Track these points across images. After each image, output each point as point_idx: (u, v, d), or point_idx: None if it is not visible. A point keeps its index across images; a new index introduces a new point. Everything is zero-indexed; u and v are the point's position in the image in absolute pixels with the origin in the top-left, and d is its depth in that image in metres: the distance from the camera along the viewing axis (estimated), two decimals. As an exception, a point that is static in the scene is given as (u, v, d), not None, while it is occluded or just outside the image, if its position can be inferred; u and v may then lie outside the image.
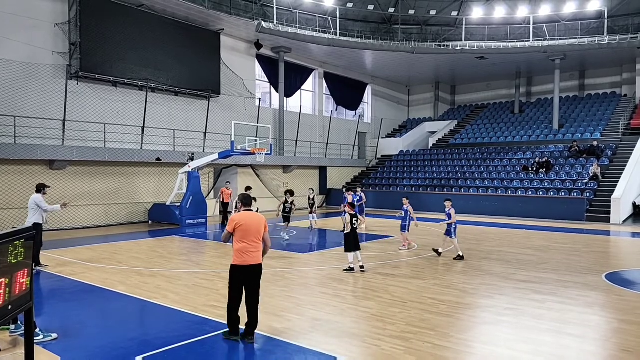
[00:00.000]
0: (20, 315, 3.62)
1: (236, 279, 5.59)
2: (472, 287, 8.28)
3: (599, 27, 25.47)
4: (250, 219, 5.62)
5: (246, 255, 5.53)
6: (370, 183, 27.84)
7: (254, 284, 5.63)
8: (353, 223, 9.35)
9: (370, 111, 33.51)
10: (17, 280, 3.24)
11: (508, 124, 30.14)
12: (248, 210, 5.77)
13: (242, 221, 5.56)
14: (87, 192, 17.06)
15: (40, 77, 16.05)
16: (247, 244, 5.54)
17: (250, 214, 5.72)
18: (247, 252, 5.54)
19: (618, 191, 19.16)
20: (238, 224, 5.54)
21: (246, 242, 5.54)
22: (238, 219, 5.59)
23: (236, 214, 5.80)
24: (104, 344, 5.56)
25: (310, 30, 24.18)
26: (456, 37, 27.46)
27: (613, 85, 30.09)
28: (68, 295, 7.82)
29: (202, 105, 21.13)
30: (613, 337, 5.82)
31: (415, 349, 5.33)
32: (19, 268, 3.26)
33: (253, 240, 5.57)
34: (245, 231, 5.53)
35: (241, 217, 5.63)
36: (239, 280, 5.59)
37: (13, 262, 3.17)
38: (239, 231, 5.54)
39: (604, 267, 10.02)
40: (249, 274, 5.57)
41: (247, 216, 5.64)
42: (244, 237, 5.53)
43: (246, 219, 5.59)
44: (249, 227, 5.55)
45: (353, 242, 9.30)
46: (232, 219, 5.67)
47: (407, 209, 11.94)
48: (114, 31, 17.67)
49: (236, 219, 5.60)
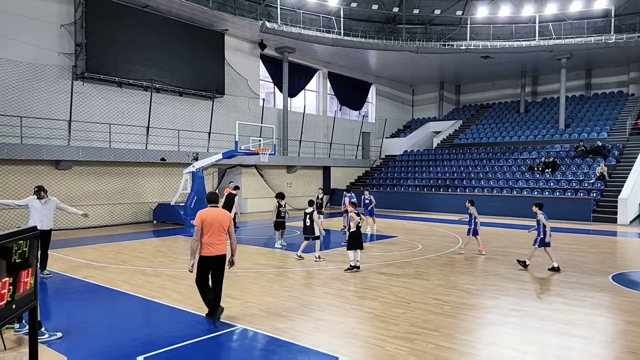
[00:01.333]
0: (25, 314, 3.64)
1: (203, 268, 6.19)
2: (477, 287, 8.23)
3: (606, 25, 25.28)
4: (214, 214, 6.20)
5: (211, 246, 6.12)
6: (374, 183, 27.79)
7: (219, 272, 6.25)
8: (358, 223, 9.41)
9: (374, 111, 33.45)
10: (21, 280, 3.25)
11: (513, 123, 29.98)
12: (213, 207, 6.32)
13: (207, 216, 6.14)
14: (93, 192, 17.15)
15: (46, 77, 16.15)
16: (212, 236, 6.12)
17: (215, 209, 6.30)
18: (212, 244, 6.13)
19: (625, 191, 19.00)
20: (203, 219, 6.11)
21: (210, 235, 6.11)
22: (204, 215, 6.16)
23: (201, 210, 6.30)
24: (108, 343, 5.58)
25: (314, 30, 24.17)
26: (461, 36, 27.35)
27: (620, 85, 29.85)
28: (73, 294, 7.86)
29: (206, 105, 21.18)
30: (619, 339, 5.77)
31: (419, 349, 5.30)
32: (24, 267, 3.27)
33: (217, 234, 6.14)
34: (210, 225, 6.10)
35: (206, 213, 6.21)
36: (205, 269, 6.20)
37: (17, 261, 3.18)
38: (204, 225, 6.11)
39: (610, 268, 9.93)
40: (214, 263, 6.18)
41: (211, 212, 6.23)
42: (208, 230, 6.10)
43: (210, 215, 6.17)
44: (212, 222, 6.12)
45: (358, 241, 9.33)
46: (199, 213, 6.21)
47: (470, 212, 11.62)
48: (119, 32, 17.75)
49: (202, 215, 6.16)
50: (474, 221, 11.47)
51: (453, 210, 22.40)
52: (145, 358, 5.07)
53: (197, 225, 6.14)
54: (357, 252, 9.44)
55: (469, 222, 11.60)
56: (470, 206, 11.64)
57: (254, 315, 6.54)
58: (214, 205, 6.37)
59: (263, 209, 23.31)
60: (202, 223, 6.11)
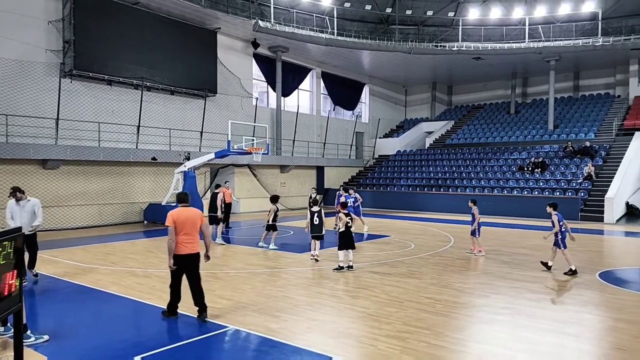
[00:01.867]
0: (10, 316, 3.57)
1: (181, 267, 6.26)
2: (468, 286, 8.28)
3: (593, 28, 25.60)
4: (185, 214, 6.29)
5: (184, 245, 6.21)
6: (367, 183, 27.86)
7: (194, 270, 6.35)
8: (348, 223, 9.44)
9: (368, 111, 33.53)
10: (6, 282, 3.19)
11: (504, 124, 30.25)
12: (184, 207, 6.40)
13: (178, 216, 6.23)
14: (81, 192, 16.94)
15: (33, 75, 15.92)
16: (184, 236, 6.21)
17: (186, 209, 6.39)
18: (185, 242, 6.22)
19: (611, 191, 19.27)
20: (175, 219, 6.20)
21: (182, 234, 6.20)
22: (175, 214, 6.25)
23: (173, 210, 6.36)
24: (97, 345, 5.51)
25: (307, 29, 24.14)
26: (453, 37, 27.53)
27: (607, 87, 30.28)
28: (60, 296, 7.75)
29: (198, 104, 21.05)
30: (607, 336, 5.84)
31: (412, 348, 5.32)
32: (8, 269, 3.21)
33: (189, 233, 6.23)
34: (181, 224, 6.20)
35: (177, 212, 6.30)
36: (179, 268, 6.26)
37: (2, 263, 3.12)
38: (176, 225, 6.20)
39: (597, 266, 10.06)
40: (188, 262, 6.26)
41: (182, 211, 6.32)
42: (180, 229, 6.20)
43: (182, 214, 6.27)
44: (184, 221, 6.22)
45: (348, 241, 9.36)
46: (170, 214, 6.28)
47: (473, 212, 11.45)
48: (108, 29, 17.56)
49: (173, 215, 6.24)
50: (476, 221, 11.31)
51: (445, 209, 22.55)
52: (140, 359, 5.02)
53: (169, 226, 6.22)
54: (349, 252, 9.45)
55: (472, 221, 11.41)
56: (472, 206, 11.49)
57: (246, 316, 6.50)
58: (184, 205, 6.44)
59: (256, 209, 23.24)
60: (174, 223, 6.19)
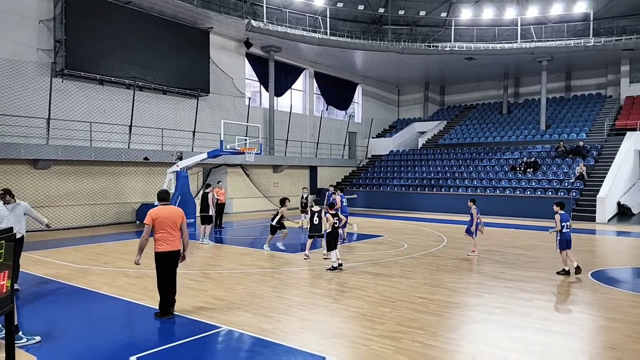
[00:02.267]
0: (1, 317, 3.52)
1: (161, 264, 6.39)
2: (461, 286, 8.31)
3: (585, 29, 25.83)
4: (165, 211, 6.39)
5: (165, 243, 6.34)
6: (360, 183, 27.89)
7: (172, 267, 6.46)
8: (335, 223, 9.53)
9: (361, 111, 33.57)
10: (-3, 282, 3.15)
11: (496, 124, 30.43)
12: (165, 205, 6.52)
13: (158, 214, 6.31)
14: (73, 192, 16.79)
15: (24, 74, 15.76)
16: (164, 233, 6.32)
17: (166, 207, 6.49)
18: (165, 240, 6.34)
19: (603, 191, 19.45)
20: (154, 217, 6.29)
21: (163, 232, 6.31)
22: (155, 213, 6.33)
23: (153, 209, 6.46)
24: (89, 346, 5.46)
25: (300, 29, 24.12)
26: (445, 37, 27.64)
27: (598, 87, 30.57)
28: (52, 297, 7.67)
29: (190, 104, 20.95)
30: (599, 335, 5.88)
31: (405, 348, 5.32)
32: (-1, 269, 3.17)
33: (168, 231, 6.33)
34: (161, 222, 6.29)
35: (157, 210, 6.38)
36: (163, 265, 6.39)
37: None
38: (156, 223, 6.29)
39: (589, 266, 10.14)
40: (168, 259, 6.39)
41: (163, 209, 6.41)
42: (161, 227, 6.30)
43: (162, 212, 6.36)
44: (164, 219, 6.32)
45: (334, 241, 9.45)
46: (149, 212, 6.36)
47: (471, 212, 11.30)
48: (100, 28, 17.42)
49: (153, 213, 6.33)
50: (474, 221, 11.16)
51: (438, 209, 22.64)
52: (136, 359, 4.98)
53: (147, 224, 6.29)
54: (336, 252, 9.54)
55: (470, 221, 11.25)
56: (472, 205, 11.31)
57: (239, 316, 6.48)
58: (164, 203, 6.55)
59: (249, 209, 23.18)
60: (154, 221, 6.29)
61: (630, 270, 10.19)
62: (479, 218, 11.31)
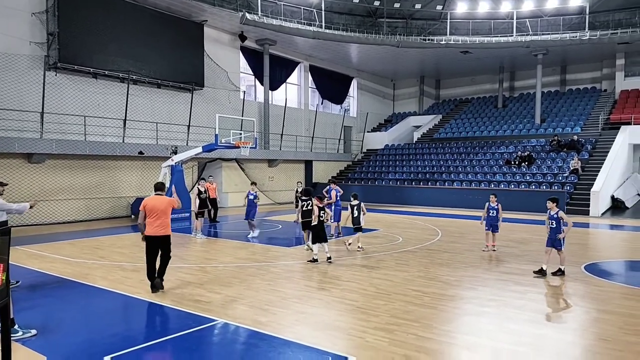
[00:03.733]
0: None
1: (149, 245, 7.25)
2: (456, 279, 8.37)
3: (581, 22, 25.87)
4: (156, 201, 7.28)
5: (152, 227, 7.17)
6: (355, 177, 27.92)
7: (165, 248, 7.34)
8: (320, 216, 9.56)
9: (356, 105, 33.52)
10: (-9, 276, 3.14)
11: (491, 118, 30.50)
12: (158, 195, 7.43)
13: (150, 203, 7.23)
14: (68, 186, 16.71)
15: (17, 68, 15.61)
16: (154, 219, 7.17)
17: (158, 197, 7.37)
18: (152, 225, 7.16)
19: (597, 184, 19.59)
20: (145, 205, 7.21)
21: (153, 218, 7.17)
22: (146, 202, 7.25)
23: (146, 198, 7.37)
24: (85, 339, 5.46)
25: (295, 22, 23.98)
26: (441, 31, 27.58)
27: (593, 81, 30.67)
28: (48, 290, 7.66)
29: (185, 97, 20.84)
30: (592, 327, 5.95)
31: (399, 340, 5.37)
32: (-6, 263, 3.16)
33: (159, 217, 7.18)
34: (151, 210, 7.18)
35: (149, 200, 7.31)
36: (150, 246, 7.25)
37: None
38: (147, 210, 7.18)
39: (582, 259, 10.24)
40: (159, 242, 7.26)
41: (154, 199, 7.32)
42: (150, 214, 7.17)
43: (153, 201, 7.26)
44: (154, 207, 7.19)
45: (321, 234, 9.51)
46: (143, 202, 7.26)
47: (497, 207, 10.92)
48: (93, 21, 17.26)
49: (145, 202, 7.24)
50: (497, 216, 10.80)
51: (433, 203, 22.73)
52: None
53: (140, 210, 7.24)
54: (324, 245, 9.62)
55: (495, 217, 10.83)
56: (495, 199, 10.94)
57: (235, 309, 6.50)
58: (158, 193, 7.44)
59: (244, 203, 23.15)
60: (144, 208, 7.21)
61: (623, 263, 10.30)
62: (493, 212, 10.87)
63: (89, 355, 4.98)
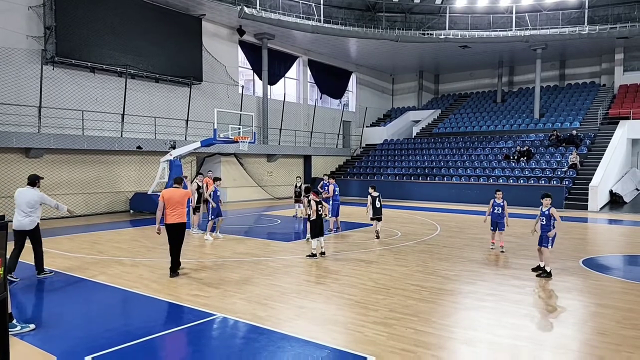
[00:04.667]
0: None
1: (168, 232, 8.10)
2: (454, 273, 8.39)
3: (580, 17, 25.79)
4: (174, 193, 8.16)
5: (169, 216, 8.04)
6: (354, 172, 27.91)
7: (178, 236, 8.16)
8: (318, 210, 9.53)
9: (355, 100, 33.45)
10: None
11: (490, 113, 30.47)
12: (175, 187, 8.33)
13: (167, 194, 8.10)
14: (66, 181, 16.67)
15: (14, 62, 15.51)
16: (172, 209, 8.04)
17: (175, 189, 8.25)
18: (170, 214, 8.03)
19: (596, 179, 19.62)
20: (164, 196, 8.07)
21: (169, 208, 8.03)
22: (164, 193, 8.13)
23: (164, 190, 8.25)
24: (84, 334, 5.46)
25: (294, 16, 23.86)
26: (440, 25, 27.48)
27: (592, 75, 30.63)
28: (47, 285, 7.66)
29: (183, 92, 20.76)
30: (590, 321, 5.97)
31: (398, 334, 5.38)
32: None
33: (176, 207, 8.06)
34: (168, 200, 8.03)
35: (166, 192, 8.18)
36: (169, 233, 8.10)
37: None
38: (165, 201, 8.02)
39: (581, 253, 10.26)
40: (175, 229, 8.08)
41: (172, 191, 8.20)
42: (169, 205, 8.03)
43: (170, 193, 8.13)
44: (171, 198, 8.06)
45: (319, 229, 9.50)
46: (162, 194, 8.10)
47: (502, 203, 10.34)
48: (91, 15, 17.14)
49: (163, 193, 8.12)
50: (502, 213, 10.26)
51: (432, 198, 22.76)
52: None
53: (159, 201, 8.04)
54: (321, 239, 9.65)
55: (500, 214, 10.30)
56: (501, 195, 10.40)
57: (234, 304, 6.50)
58: (176, 186, 8.40)
59: (243, 198, 23.15)
60: (163, 199, 8.04)
61: (621, 257, 10.32)
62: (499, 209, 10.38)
63: (88, 349, 4.98)
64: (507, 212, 10.44)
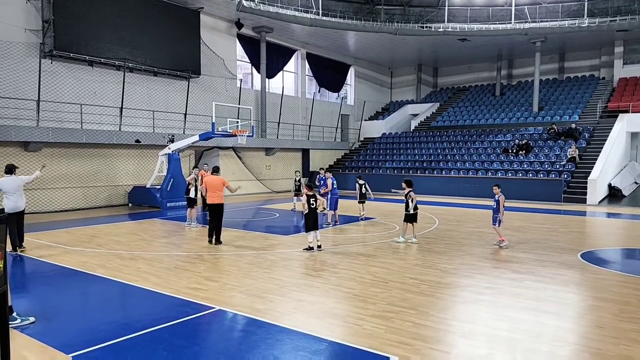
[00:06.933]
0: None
1: (210, 211, 10.56)
2: (453, 267, 8.41)
3: (579, 9, 25.67)
4: (214, 179, 10.62)
5: (210, 198, 10.51)
6: (353, 166, 27.89)
7: (218, 214, 10.43)
8: (311, 204, 9.54)
9: (353, 93, 33.35)
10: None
11: (489, 106, 30.42)
12: (215, 175, 10.76)
13: (208, 180, 10.70)
14: (64, 175, 16.65)
15: (12, 55, 15.42)
16: (212, 192, 10.47)
17: (213, 177, 10.70)
18: (213, 196, 10.47)
19: (594, 173, 19.64)
20: (206, 181, 10.75)
21: (212, 191, 10.48)
22: (206, 179, 10.90)
23: (206, 177, 11.27)
24: (84, 327, 5.48)
25: (292, 9, 23.71)
26: (439, 18, 27.32)
27: (592, 68, 30.56)
28: (46, 278, 7.67)
29: (182, 85, 20.68)
30: (588, 314, 6.00)
31: (396, 327, 5.40)
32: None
33: (215, 191, 10.46)
34: (209, 184, 10.58)
35: (208, 178, 10.84)
36: (210, 211, 10.54)
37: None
38: (207, 185, 10.61)
39: (579, 247, 10.30)
40: (215, 208, 10.44)
41: (212, 178, 10.71)
42: (210, 188, 10.53)
43: (210, 180, 10.68)
44: (211, 183, 10.57)
45: (312, 222, 9.51)
46: (205, 180, 11.01)
47: (497, 198, 10.15)
48: (89, 8, 17.02)
49: (205, 179, 10.96)
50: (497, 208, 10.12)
51: (430, 192, 22.75)
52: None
53: (201, 185, 11.03)
54: (317, 233, 9.67)
55: (495, 209, 10.19)
56: (498, 191, 10.17)
57: (233, 297, 6.52)
58: (215, 173, 10.86)
59: (241, 191, 23.10)
60: (206, 184, 10.72)
61: (620, 251, 10.36)
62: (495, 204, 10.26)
63: (88, 342, 5.00)
64: (503, 207, 10.16)
